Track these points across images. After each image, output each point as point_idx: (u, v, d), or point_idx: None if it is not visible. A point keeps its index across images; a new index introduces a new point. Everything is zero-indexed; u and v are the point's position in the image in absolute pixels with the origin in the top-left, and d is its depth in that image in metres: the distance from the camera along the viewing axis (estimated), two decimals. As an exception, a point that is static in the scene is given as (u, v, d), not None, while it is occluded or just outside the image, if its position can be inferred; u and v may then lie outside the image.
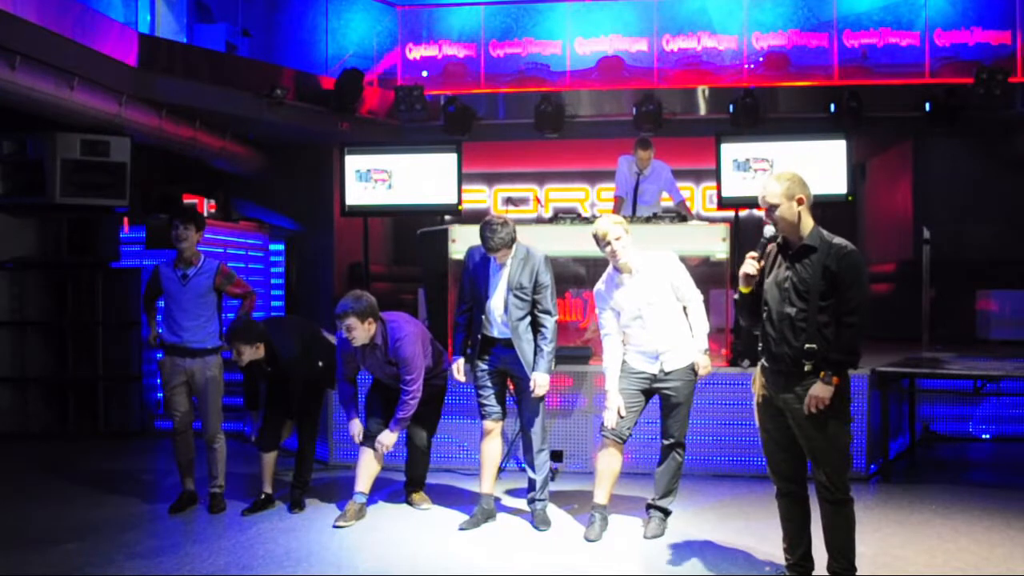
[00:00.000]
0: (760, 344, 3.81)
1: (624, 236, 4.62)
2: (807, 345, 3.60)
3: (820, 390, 3.57)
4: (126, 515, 5.29)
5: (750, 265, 3.72)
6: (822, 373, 3.57)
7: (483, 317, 4.89)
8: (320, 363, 5.26)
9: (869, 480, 6.05)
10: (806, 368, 3.60)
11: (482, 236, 4.76)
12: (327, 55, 10.47)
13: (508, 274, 4.84)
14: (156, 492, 5.83)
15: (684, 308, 4.73)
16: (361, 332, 4.83)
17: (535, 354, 4.83)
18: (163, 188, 9.55)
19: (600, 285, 4.82)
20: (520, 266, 4.83)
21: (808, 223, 3.69)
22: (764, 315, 3.75)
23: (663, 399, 4.73)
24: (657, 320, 4.63)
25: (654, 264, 4.68)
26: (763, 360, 3.81)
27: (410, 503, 5.37)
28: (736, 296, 3.85)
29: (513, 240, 4.78)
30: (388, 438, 5.02)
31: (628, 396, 4.66)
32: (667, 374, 4.66)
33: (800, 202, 3.65)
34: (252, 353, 5.02)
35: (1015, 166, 10.27)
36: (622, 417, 4.63)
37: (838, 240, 3.67)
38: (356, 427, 5.08)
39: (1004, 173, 10.31)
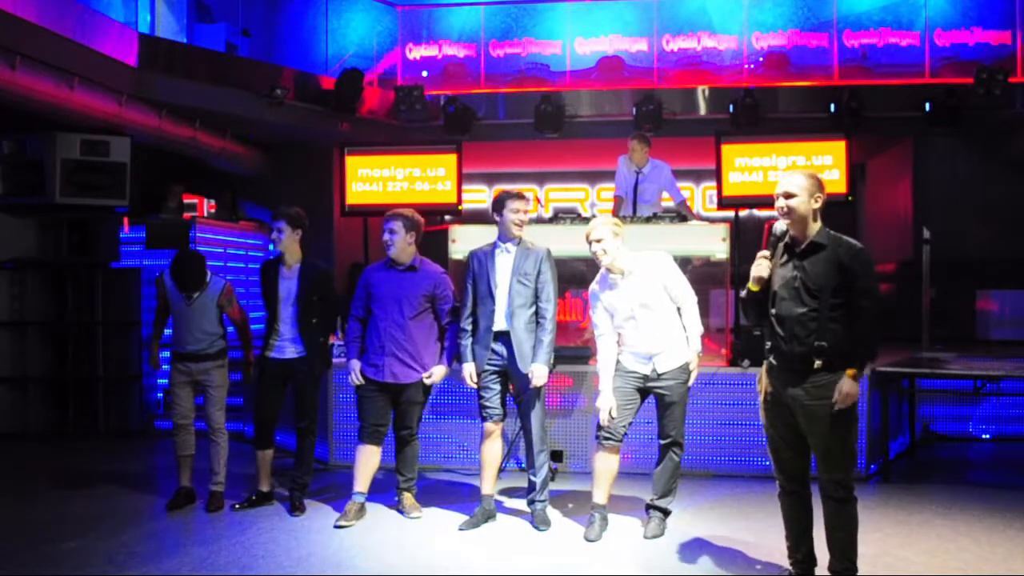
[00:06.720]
0: (768, 343, 3.82)
1: (608, 239, 4.61)
2: (818, 342, 3.61)
3: (850, 387, 3.58)
4: (126, 514, 5.29)
5: (764, 267, 3.73)
6: (850, 372, 3.58)
7: (490, 308, 4.90)
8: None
9: (869, 480, 6.05)
10: (816, 365, 3.61)
11: (503, 196, 4.99)
12: (327, 55, 10.46)
13: (513, 262, 4.91)
14: (156, 492, 5.82)
15: (678, 309, 4.73)
16: (401, 241, 5.01)
17: (534, 346, 4.85)
18: (163, 188, 9.55)
19: (594, 285, 4.83)
20: (524, 255, 4.93)
21: (818, 223, 3.72)
22: (772, 314, 3.74)
23: (658, 399, 4.73)
24: (650, 322, 4.63)
25: (646, 265, 4.68)
26: (770, 358, 3.80)
27: (401, 509, 5.26)
28: (744, 293, 3.85)
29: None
30: (439, 371, 5.11)
31: (623, 395, 4.67)
32: (660, 375, 4.66)
33: (817, 200, 3.69)
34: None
35: (1015, 166, 10.28)
36: (613, 418, 4.64)
37: (846, 238, 3.70)
38: (355, 366, 5.10)
39: (1004, 173, 10.32)
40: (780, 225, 3.73)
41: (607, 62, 10.51)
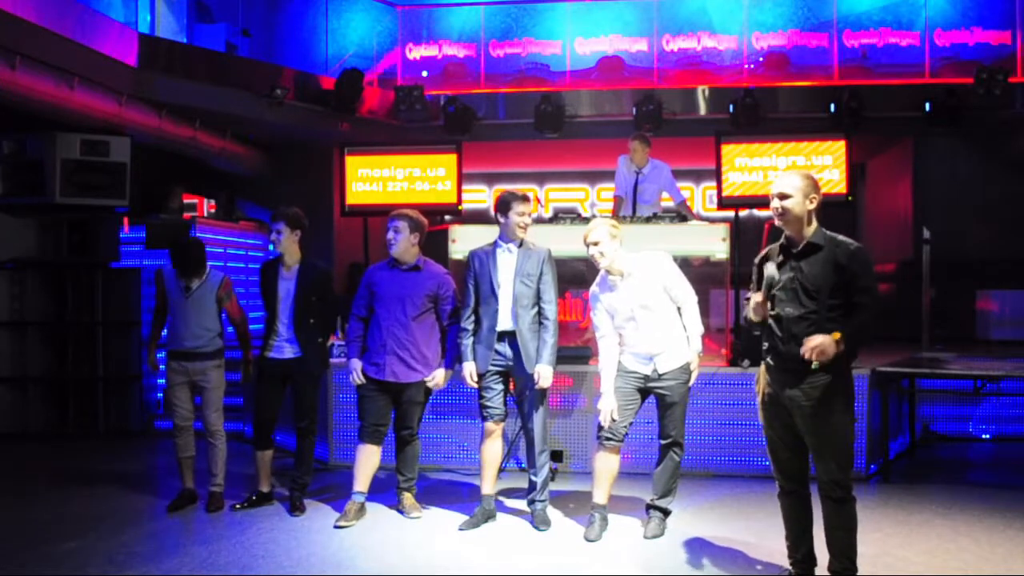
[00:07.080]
0: (765, 343, 3.82)
1: (605, 242, 4.61)
2: None
3: (827, 343, 3.45)
4: (126, 514, 5.30)
5: (759, 312, 3.75)
6: (836, 334, 3.49)
7: (494, 308, 4.90)
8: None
9: (869, 480, 6.05)
10: (813, 365, 3.59)
11: (508, 198, 4.97)
12: (327, 55, 10.47)
13: (516, 262, 4.92)
14: (156, 492, 5.82)
15: (678, 309, 4.72)
16: (404, 240, 5.04)
17: (538, 347, 4.86)
18: (163, 188, 9.55)
19: (594, 287, 4.83)
20: (526, 256, 4.94)
21: (814, 224, 3.72)
22: (770, 314, 3.74)
23: (658, 399, 4.74)
24: (650, 323, 4.63)
25: (645, 266, 4.67)
26: (768, 359, 3.81)
27: (401, 509, 5.25)
28: (743, 322, 3.88)
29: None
30: (441, 374, 5.11)
31: (624, 395, 4.67)
32: (661, 375, 4.66)
33: (812, 201, 3.69)
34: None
35: (1015, 166, 10.28)
36: (615, 420, 4.64)
37: (843, 238, 3.70)
38: (356, 365, 5.08)
39: (1004, 173, 10.33)
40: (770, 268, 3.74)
41: (607, 62, 10.52)
